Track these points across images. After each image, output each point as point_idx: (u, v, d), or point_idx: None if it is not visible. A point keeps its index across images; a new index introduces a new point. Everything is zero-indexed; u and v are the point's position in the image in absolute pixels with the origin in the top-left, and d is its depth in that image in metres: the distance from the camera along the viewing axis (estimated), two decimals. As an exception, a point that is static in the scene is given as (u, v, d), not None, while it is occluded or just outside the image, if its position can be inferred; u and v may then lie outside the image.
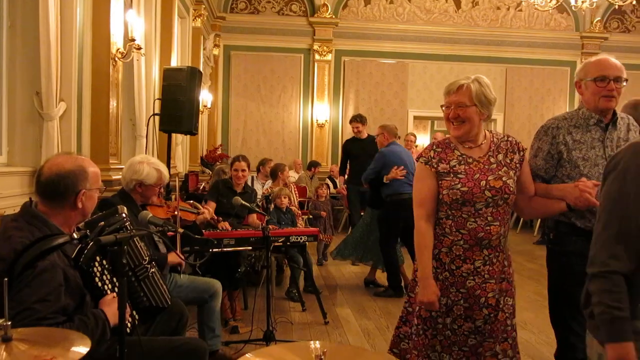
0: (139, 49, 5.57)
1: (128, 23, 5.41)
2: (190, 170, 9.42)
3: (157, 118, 5.63)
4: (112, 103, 5.31)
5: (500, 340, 2.56)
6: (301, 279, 6.00)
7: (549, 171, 2.71)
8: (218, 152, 11.42)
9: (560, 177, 2.68)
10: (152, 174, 3.45)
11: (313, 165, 11.38)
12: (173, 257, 3.50)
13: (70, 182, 2.25)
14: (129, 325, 2.47)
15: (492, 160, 2.51)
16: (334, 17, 12.54)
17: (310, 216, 10.19)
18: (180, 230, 2.47)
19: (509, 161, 2.53)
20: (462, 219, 2.44)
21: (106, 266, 2.34)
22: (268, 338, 4.02)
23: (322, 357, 1.35)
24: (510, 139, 2.60)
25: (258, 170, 7.65)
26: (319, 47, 12.59)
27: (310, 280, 5.59)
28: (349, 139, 8.26)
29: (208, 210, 4.21)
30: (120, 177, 5.35)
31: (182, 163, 9.12)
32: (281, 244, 4.81)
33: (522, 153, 2.58)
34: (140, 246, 2.61)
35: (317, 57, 12.59)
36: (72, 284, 2.15)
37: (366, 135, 7.88)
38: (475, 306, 2.48)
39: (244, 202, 4.16)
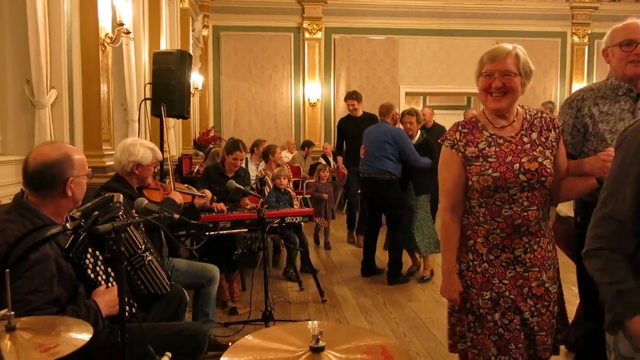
0: (128, 33, 5.53)
1: (116, 7, 5.37)
2: (183, 154, 9.40)
3: (148, 102, 5.62)
4: (103, 89, 5.29)
5: (551, 333, 2.33)
6: (298, 258, 6.06)
7: (576, 147, 2.52)
8: (211, 135, 11.39)
9: (587, 152, 2.48)
10: (148, 154, 3.49)
11: (307, 145, 11.39)
12: (176, 197, 3.61)
13: (57, 170, 2.26)
14: (127, 313, 2.51)
15: (525, 139, 2.25)
16: (322, -6, 12.45)
17: (307, 196, 10.24)
18: (176, 215, 2.49)
19: (544, 139, 2.26)
20: (496, 206, 2.21)
21: (99, 257, 2.36)
22: (267, 318, 4.08)
23: (319, 337, 1.38)
24: (544, 115, 2.33)
25: (252, 152, 7.66)
26: (309, 25, 12.50)
27: (307, 260, 5.65)
28: (344, 118, 7.98)
29: (206, 192, 4.23)
30: (112, 163, 5.40)
31: (175, 146, 9.09)
32: (277, 225, 4.84)
33: (557, 130, 2.31)
34: (135, 235, 2.63)
35: (307, 35, 12.51)
36: (65, 274, 2.17)
37: (362, 112, 7.65)
38: (519, 297, 2.26)
39: (238, 185, 4.19)
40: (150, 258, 2.75)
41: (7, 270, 1.76)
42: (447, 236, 2.30)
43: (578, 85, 13.28)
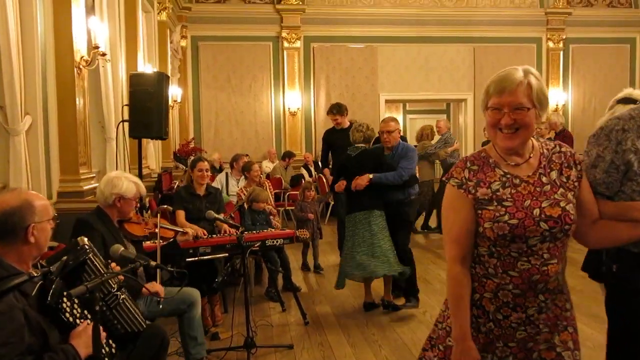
0: (104, 55, 5.47)
1: (90, 30, 5.30)
2: (163, 168, 9.34)
3: (126, 124, 5.56)
4: (79, 112, 5.23)
5: None
6: (280, 277, 6.03)
7: (612, 186, 2.10)
8: (191, 146, 11.32)
9: (629, 193, 2.08)
10: (131, 188, 3.48)
11: (288, 155, 11.37)
12: (152, 286, 3.50)
13: (17, 218, 2.23)
14: (105, 355, 2.47)
15: (544, 179, 1.94)
16: (300, 3, 12.42)
17: (290, 208, 10.22)
18: (153, 263, 2.46)
19: (565, 180, 1.96)
20: (511, 257, 1.90)
21: (75, 300, 2.33)
22: (249, 346, 4.06)
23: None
24: (563, 149, 2.02)
25: (232, 167, 7.61)
26: (287, 34, 12.48)
27: (289, 280, 5.63)
28: (329, 130, 7.47)
29: (193, 230, 4.21)
30: (91, 186, 5.33)
31: (154, 160, 9.02)
32: (257, 248, 4.82)
33: (579, 167, 2.00)
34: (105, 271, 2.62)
35: (285, 44, 12.49)
36: (33, 323, 2.13)
37: (348, 124, 7.10)
38: None
39: (217, 216, 4.16)
40: (123, 296, 2.73)
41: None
42: (459, 293, 1.95)
43: (554, 90, 13.44)
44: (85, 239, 2.42)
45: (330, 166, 7.63)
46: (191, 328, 3.79)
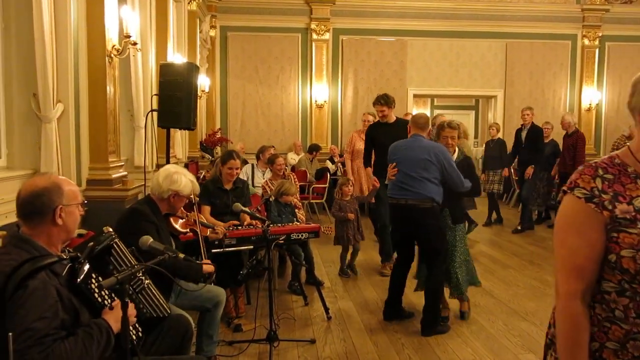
0: (135, 44, 5.52)
1: (122, 19, 5.36)
2: (189, 158, 9.41)
3: (155, 113, 5.62)
4: (110, 101, 5.30)
5: None
6: (303, 270, 6.06)
7: None
8: (217, 136, 11.41)
9: None
10: (188, 186, 3.55)
11: (314, 149, 11.38)
12: (206, 267, 3.57)
13: (45, 199, 2.28)
14: (133, 337, 2.52)
15: None
16: (330, -5, 12.40)
17: (315, 202, 10.24)
18: (181, 255, 2.49)
19: None
20: None
21: (101, 281, 2.38)
22: (271, 339, 4.09)
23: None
24: None
25: (258, 158, 7.65)
26: (317, 26, 12.46)
27: (312, 274, 5.64)
28: (373, 124, 6.95)
29: (222, 229, 4.27)
30: (119, 174, 5.41)
31: (181, 149, 9.10)
32: (282, 242, 4.84)
33: None
34: (131, 259, 2.66)
35: (314, 36, 12.48)
36: (65, 300, 2.18)
37: (394, 118, 6.65)
38: None
39: (244, 209, 4.19)
40: (148, 281, 2.78)
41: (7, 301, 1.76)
42: (577, 339, 1.57)
43: (588, 89, 13.20)
44: (110, 228, 2.46)
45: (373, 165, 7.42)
46: (210, 327, 3.82)
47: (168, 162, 5.80)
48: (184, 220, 3.80)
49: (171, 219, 3.65)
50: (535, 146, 8.98)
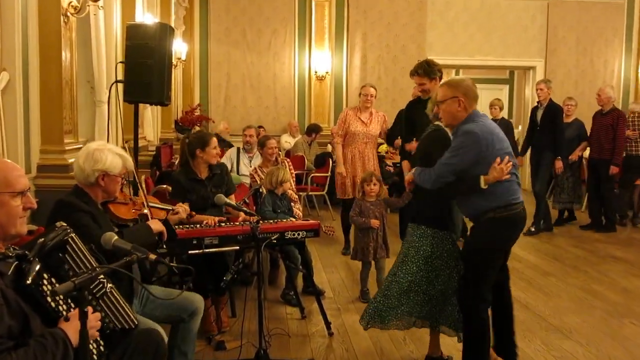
0: (96, 0, 5.50)
1: (81, -31, 5.34)
2: (162, 140, 9.42)
3: (120, 85, 5.60)
4: (65, 69, 5.28)
5: None
6: (300, 277, 6.06)
7: None
8: (196, 114, 11.40)
9: None
10: (116, 162, 3.50)
11: (313, 130, 11.37)
12: (156, 225, 3.63)
13: None
14: (94, 353, 2.52)
15: None
16: (335, -58, 12.36)
17: (313, 193, 10.23)
18: (153, 256, 2.48)
19: None
20: None
21: (55, 284, 2.38)
22: (261, 359, 4.10)
23: None
24: None
25: (262, 146, 7.66)
26: (317, -20, 12.46)
27: (310, 281, 5.65)
28: (412, 102, 6.60)
29: (183, 207, 4.23)
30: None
31: (152, 130, 9.11)
32: (275, 241, 4.84)
33: None
34: (92, 260, 2.66)
35: (314, -8, 12.48)
36: (11, 303, 2.19)
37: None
38: None
39: (229, 201, 4.19)
40: (110, 285, 2.78)
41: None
42: None
43: (646, 59, 13.17)
44: (64, 224, 2.46)
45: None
46: (185, 342, 3.81)
47: (136, 144, 5.80)
48: (128, 204, 3.78)
49: (111, 208, 3.64)
50: (552, 128, 8.81)
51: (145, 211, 3.88)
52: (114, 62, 6.58)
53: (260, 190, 5.51)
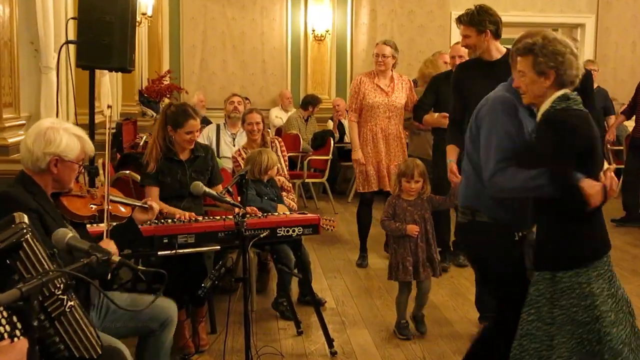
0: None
1: None
2: (124, 115, 9.38)
3: (72, 47, 5.57)
4: (3, 28, 5.26)
5: None
6: (295, 283, 6.06)
7: None
8: (165, 82, 11.36)
9: None
10: (73, 144, 3.43)
11: (310, 102, 11.34)
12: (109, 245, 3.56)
13: None
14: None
15: None
16: None
17: (310, 180, 10.21)
18: (116, 258, 2.46)
19: None
20: None
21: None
22: (248, 385, 4.11)
23: None
24: None
25: (228, 117, 7.64)
26: None
27: (308, 288, 5.64)
28: (463, 65, 6.05)
29: (155, 204, 4.19)
30: (19, 138, 5.38)
31: (111, 102, 9.08)
32: (265, 240, 4.83)
33: None
34: (49, 265, 2.63)
35: None
36: None
37: (499, 52, 5.52)
38: None
39: (208, 190, 4.17)
40: (72, 303, 2.75)
41: None
42: None
43: None
44: (25, 217, 2.43)
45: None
46: (157, 357, 3.82)
47: (92, 120, 5.77)
48: (84, 198, 3.74)
49: (64, 201, 3.60)
50: (585, 97, 8.63)
51: (108, 207, 3.84)
52: (63, 19, 6.54)
53: (247, 176, 5.48)
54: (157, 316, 3.76)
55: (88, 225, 3.89)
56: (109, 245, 3.53)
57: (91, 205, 3.76)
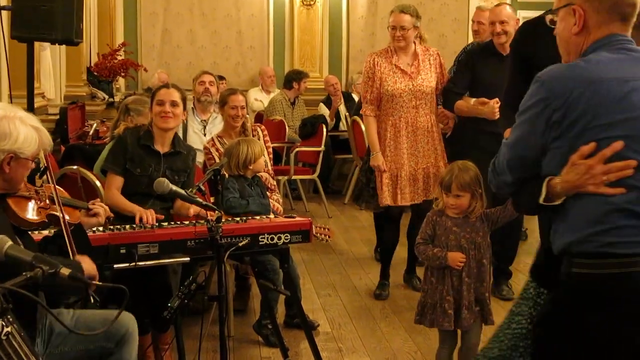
0: None
1: None
2: (69, 99, 9.37)
3: (6, 15, 5.59)
4: None
5: None
6: (281, 302, 6.07)
7: None
8: (119, 58, 11.35)
9: None
10: (31, 139, 3.46)
11: (293, 79, 11.31)
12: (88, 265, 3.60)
13: None
14: None
15: None
16: None
17: (297, 178, 10.24)
18: (66, 271, 2.47)
19: None
20: None
21: None
22: None
23: None
24: None
25: (198, 100, 7.63)
26: None
27: (298, 308, 5.65)
28: (527, 28, 5.43)
29: (103, 208, 4.20)
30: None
31: (53, 82, 9.08)
32: (244, 247, 4.84)
33: None
34: None
35: None
36: None
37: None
38: None
39: (175, 189, 4.18)
40: (9, 329, 2.76)
41: None
42: None
43: None
44: None
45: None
46: None
47: (31, 103, 5.80)
48: (30, 199, 3.75)
49: (11, 203, 3.60)
50: None
51: (56, 213, 3.85)
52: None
53: (222, 172, 5.50)
54: (110, 332, 3.76)
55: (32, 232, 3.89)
56: (85, 261, 3.58)
57: (38, 208, 3.76)
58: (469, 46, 7.10)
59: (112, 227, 4.63)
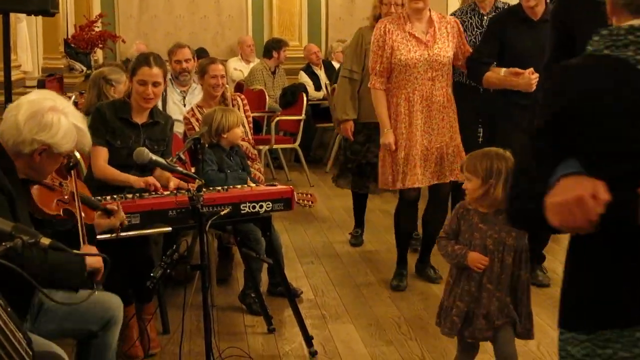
0: None
1: None
2: (46, 71, 9.33)
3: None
4: None
5: None
6: (264, 271, 6.09)
7: None
8: (96, 30, 11.28)
9: None
10: (69, 137, 3.47)
11: (273, 47, 11.27)
12: (89, 259, 3.56)
13: None
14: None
15: None
16: None
17: (278, 147, 10.24)
18: (46, 241, 2.47)
19: None
20: None
21: None
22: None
23: None
24: None
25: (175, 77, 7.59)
26: None
27: (281, 276, 5.67)
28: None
29: (121, 215, 4.18)
30: None
31: (30, 55, 9.03)
32: (226, 216, 4.84)
33: None
34: None
35: None
36: None
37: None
38: None
39: (156, 158, 4.18)
40: (-4, 305, 2.76)
41: None
42: None
43: None
44: None
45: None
46: None
47: (8, 76, 5.77)
48: (54, 191, 3.75)
49: (34, 192, 3.60)
50: None
51: (73, 209, 3.85)
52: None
53: (202, 141, 5.49)
54: (97, 316, 3.77)
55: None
56: (91, 251, 3.60)
57: (58, 201, 3.76)
58: (497, 14, 6.58)
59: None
